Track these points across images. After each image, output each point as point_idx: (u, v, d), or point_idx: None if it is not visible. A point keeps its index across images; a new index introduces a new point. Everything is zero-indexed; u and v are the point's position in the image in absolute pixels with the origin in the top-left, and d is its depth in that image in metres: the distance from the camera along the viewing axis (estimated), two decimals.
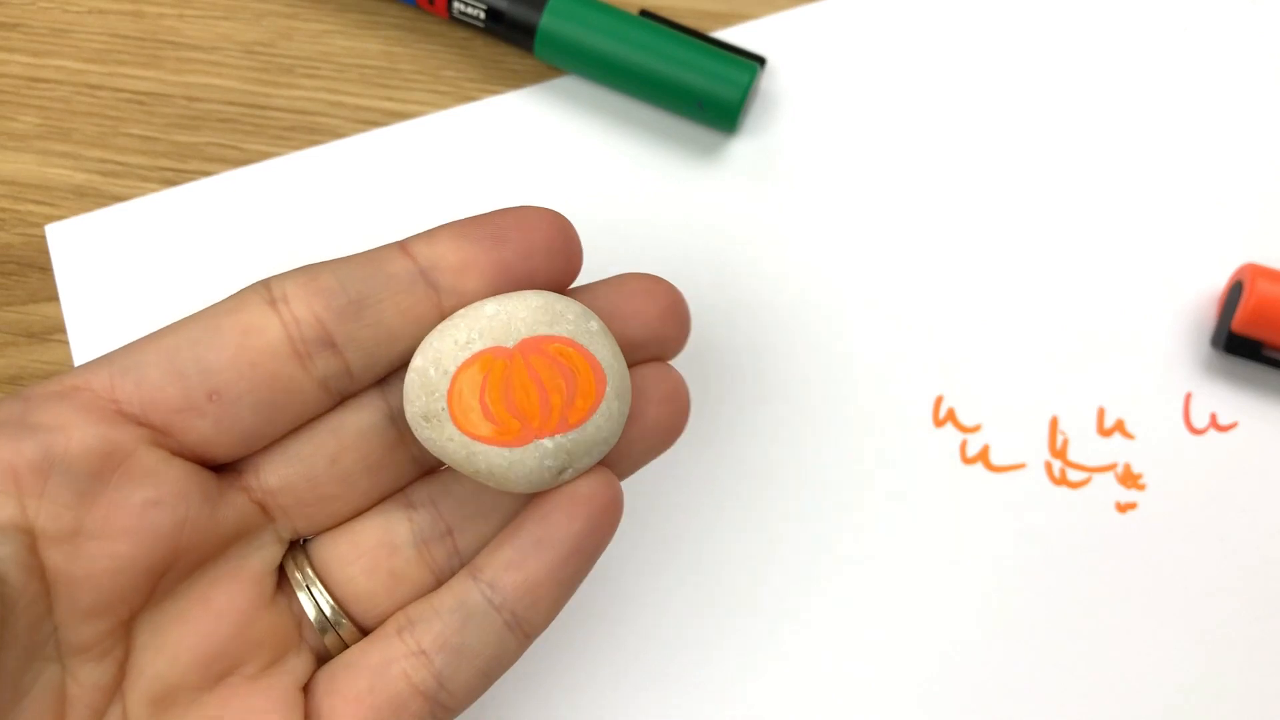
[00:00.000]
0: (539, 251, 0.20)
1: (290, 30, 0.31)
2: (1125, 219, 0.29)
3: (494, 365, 0.19)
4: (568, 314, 0.19)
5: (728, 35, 0.30)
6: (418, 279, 0.19)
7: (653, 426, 0.21)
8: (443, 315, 0.20)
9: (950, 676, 0.27)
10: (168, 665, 0.19)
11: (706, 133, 0.30)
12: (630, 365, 0.21)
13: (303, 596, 0.21)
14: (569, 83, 0.30)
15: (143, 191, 0.30)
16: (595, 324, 0.20)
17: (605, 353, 0.19)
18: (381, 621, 0.21)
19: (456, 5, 0.29)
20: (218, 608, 0.20)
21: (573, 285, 0.21)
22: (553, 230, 0.20)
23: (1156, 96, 0.30)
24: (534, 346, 0.19)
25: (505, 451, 0.19)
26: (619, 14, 0.29)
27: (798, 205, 0.29)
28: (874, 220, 0.29)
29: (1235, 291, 0.28)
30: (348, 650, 0.20)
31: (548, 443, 0.19)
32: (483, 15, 0.29)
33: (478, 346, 0.19)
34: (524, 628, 0.20)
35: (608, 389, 0.19)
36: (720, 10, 0.31)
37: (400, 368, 0.20)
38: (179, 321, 0.19)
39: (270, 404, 0.19)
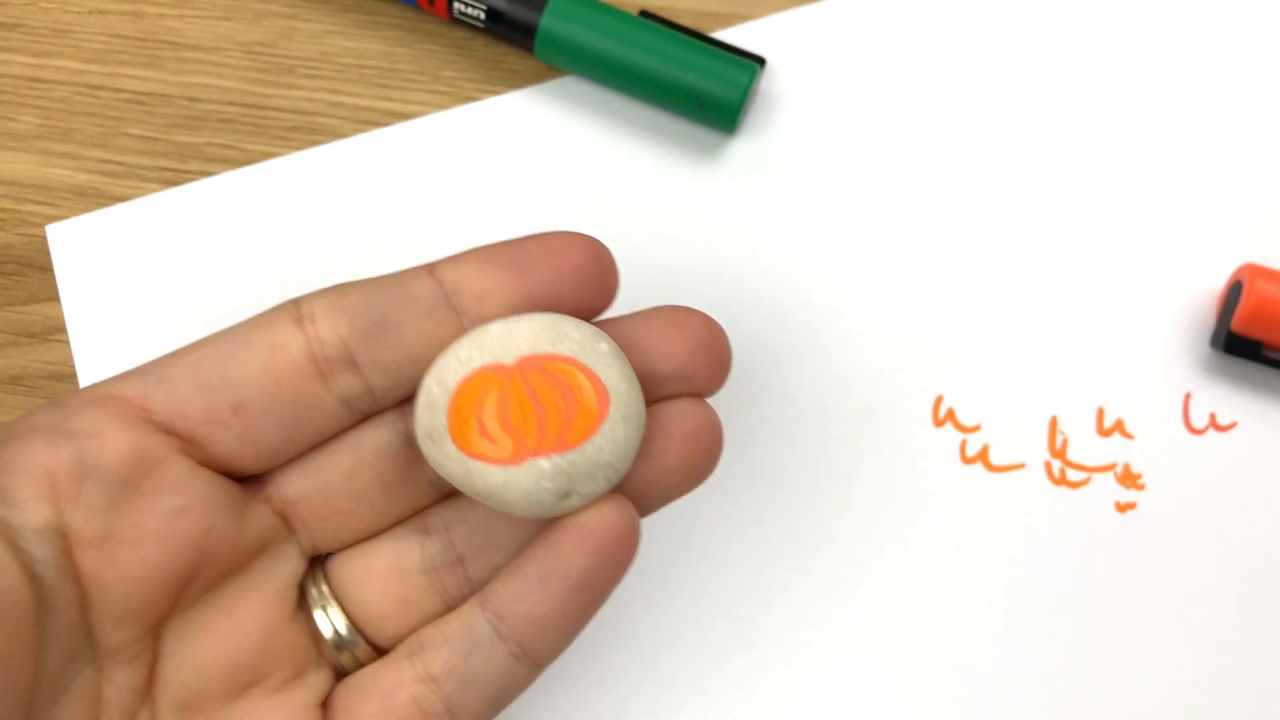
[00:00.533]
0: (565, 279, 0.20)
1: (290, 30, 0.31)
2: (1125, 219, 0.29)
3: (491, 382, 0.19)
4: (574, 334, 0.19)
5: (727, 36, 0.30)
6: (441, 303, 0.20)
7: (674, 467, 0.20)
8: None
9: (950, 676, 0.27)
10: (194, 674, 0.20)
11: (706, 133, 0.30)
12: (657, 400, 0.20)
13: (318, 615, 0.21)
14: (569, 83, 0.30)
15: (143, 192, 0.30)
16: (605, 345, 0.19)
17: (612, 374, 0.19)
18: (394, 642, 0.21)
19: (457, 5, 0.29)
20: (242, 620, 0.20)
21: (610, 314, 0.21)
22: (584, 257, 0.20)
23: (1156, 97, 0.30)
24: (533, 364, 0.19)
25: (501, 470, 0.19)
26: (619, 14, 0.29)
27: (797, 205, 0.29)
28: (874, 220, 0.29)
29: (1235, 291, 0.28)
30: (361, 671, 0.21)
31: (544, 462, 0.18)
32: (483, 15, 0.29)
33: (477, 363, 0.19)
34: (532, 658, 0.20)
35: (611, 410, 0.19)
36: (720, 10, 0.31)
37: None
38: (211, 336, 0.20)
39: (292, 420, 0.19)
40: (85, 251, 0.29)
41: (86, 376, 0.28)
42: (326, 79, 0.30)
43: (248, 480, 0.20)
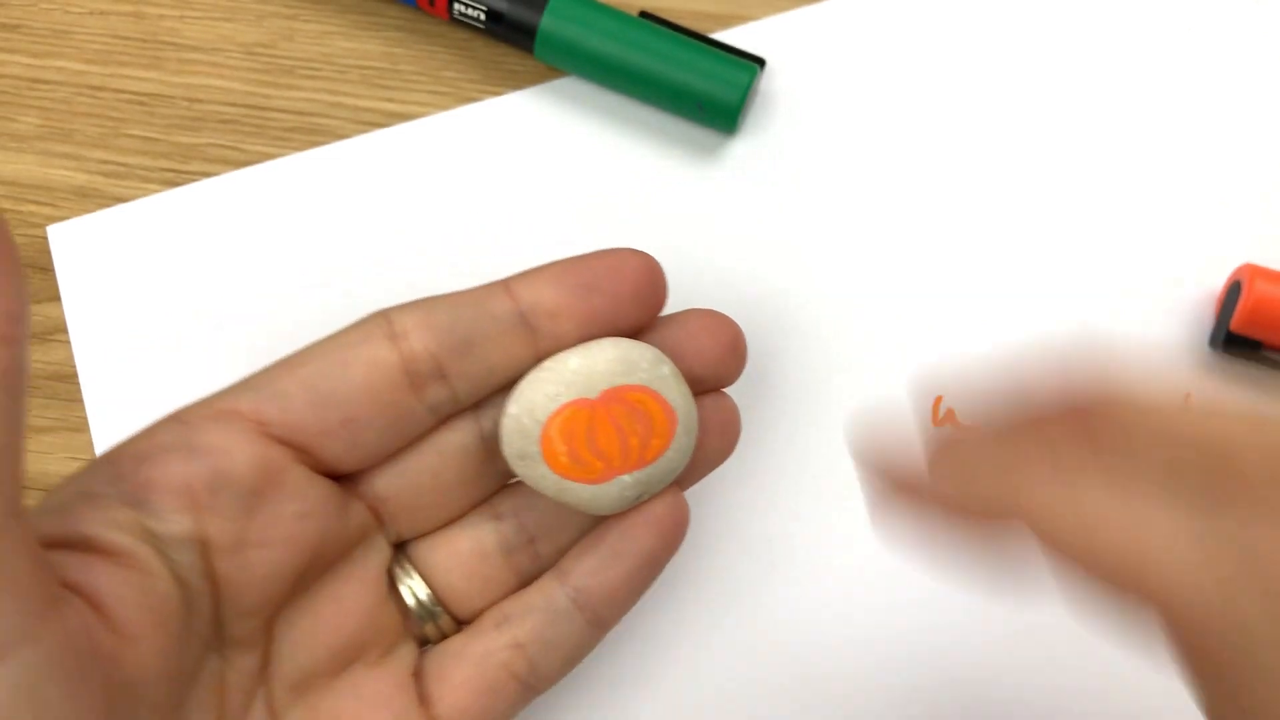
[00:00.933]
0: (627, 299, 0.22)
1: (291, 31, 0.31)
2: (1124, 219, 0.29)
3: (579, 416, 0.21)
4: (642, 363, 0.22)
5: (727, 36, 0.30)
6: (518, 321, 0.22)
7: (708, 455, 0.23)
8: (537, 354, 0.22)
9: (948, 675, 0.27)
10: (305, 655, 0.22)
11: (706, 133, 0.30)
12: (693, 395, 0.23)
13: (407, 595, 0.23)
14: (569, 84, 0.30)
15: (144, 192, 0.30)
16: (667, 368, 0.22)
17: (675, 394, 0.22)
18: (474, 613, 0.23)
19: (457, 6, 0.29)
20: (346, 605, 0.22)
21: None
22: (641, 276, 0.22)
23: (1157, 97, 0.30)
24: (614, 396, 0.21)
25: (591, 487, 0.22)
26: (619, 15, 0.29)
27: (797, 206, 0.30)
28: (873, 220, 0.29)
29: (1234, 291, 0.28)
30: (452, 641, 0.23)
31: (627, 478, 0.22)
32: (483, 16, 0.29)
33: (564, 399, 0.21)
34: (602, 624, 0.23)
35: (678, 427, 0.22)
36: (720, 11, 0.31)
37: (495, 394, 0.22)
38: (312, 350, 0.21)
39: (390, 428, 0.22)
40: (86, 252, 0.29)
41: (87, 376, 0.28)
42: (327, 80, 0.30)
43: (343, 479, 0.22)
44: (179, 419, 0.21)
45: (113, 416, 0.28)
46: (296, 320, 0.29)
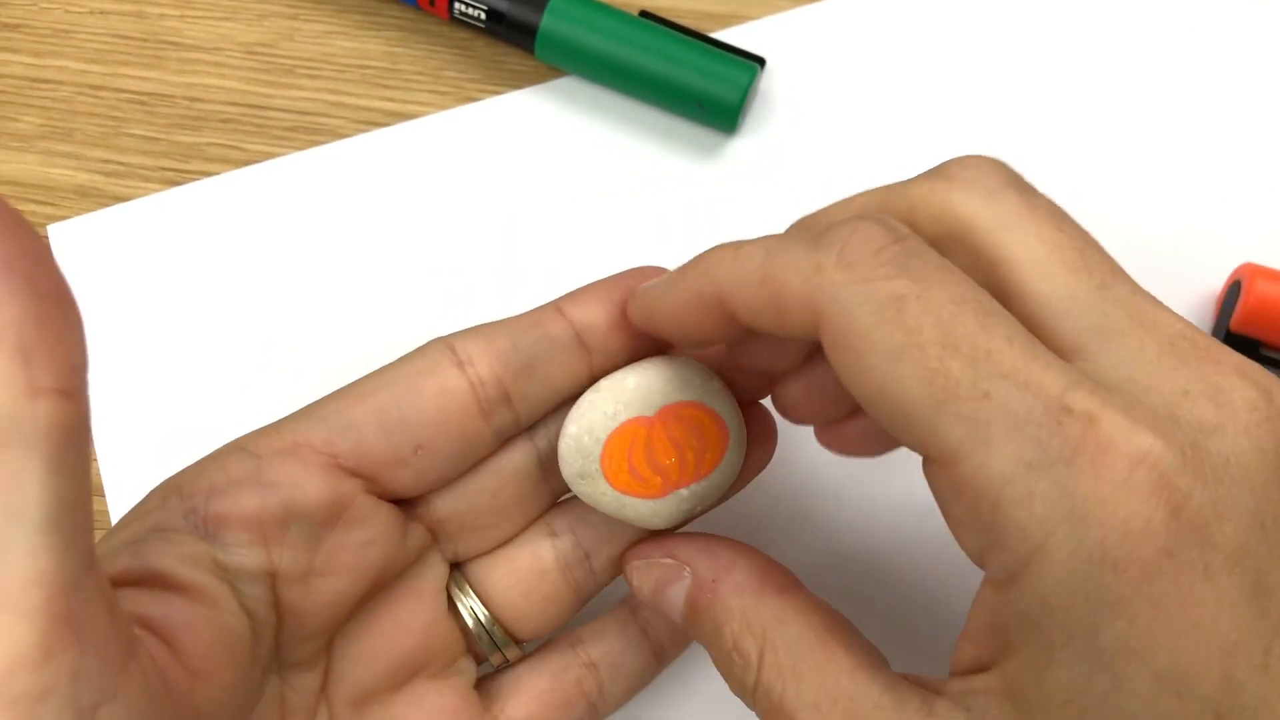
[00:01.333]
0: None
1: (291, 31, 0.31)
2: (1124, 219, 0.29)
3: (638, 433, 0.22)
4: (695, 379, 0.22)
5: (727, 36, 0.30)
6: (574, 340, 0.22)
7: (753, 463, 0.24)
8: (592, 372, 0.22)
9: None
10: (365, 671, 0.22)
11: (706, 133, 0.30)
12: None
13: (464, 612, 0.23)
14: (569, 83, 0.30)
15: (145, 192, 0.30)
16: (716, 383, 0.22)
17: (725, 407, 0.22)
18: (533, 629, 0.24)
19: (457, 6, 0.29)
20: (404, 622, 0.23)
21: None
22: None
23: (1157, 97, 0.30)
24: (671, 413, 0.22)
25: (650, 502, 0.22)
26: (619, 15, 0.29)
27: (797, 205, 0.29)
28: None
29: (1233, 291, 0.28)
30: (530, 655, 0.24)
31: (684, 491, 0.22)
32: (483, 16, 0.29)
33: (624, 418, 0.22)
34: (663, 658, 0.25)
35: (730, 439, 0.22)
36: (720, 11, 0.31)
37: (551, 414, 0.23)
38: (379, 378, 0.22)
39: (459, 453, 0.22)
40: (87, 251, 0.29)
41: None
42: (327, 79, 0.30)
43: (404, 502, 0.23)
44: (250, 451, 0.21)
45: (112, 416, 0.28)
46: (297, 319, 0.29)
